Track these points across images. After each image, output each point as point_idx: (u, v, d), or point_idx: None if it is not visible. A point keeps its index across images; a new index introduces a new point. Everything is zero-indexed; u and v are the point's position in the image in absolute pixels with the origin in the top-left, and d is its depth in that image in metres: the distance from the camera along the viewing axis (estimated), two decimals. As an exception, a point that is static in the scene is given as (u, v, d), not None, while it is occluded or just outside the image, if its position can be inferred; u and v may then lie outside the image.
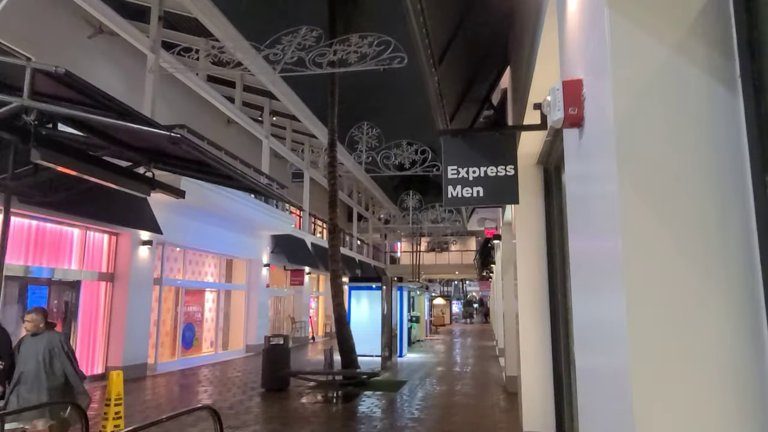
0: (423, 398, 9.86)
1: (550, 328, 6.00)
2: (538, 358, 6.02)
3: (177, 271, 15.60)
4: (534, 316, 6.13)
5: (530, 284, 6.22)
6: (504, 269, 11.06)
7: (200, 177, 5.49)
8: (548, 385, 5.92)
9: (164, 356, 14.79)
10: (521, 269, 6.30)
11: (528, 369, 6.08)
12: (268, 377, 10.62)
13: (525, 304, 6.20)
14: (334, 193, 12.27)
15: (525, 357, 6.11)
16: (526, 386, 6.05)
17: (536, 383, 5.99)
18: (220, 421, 4.29)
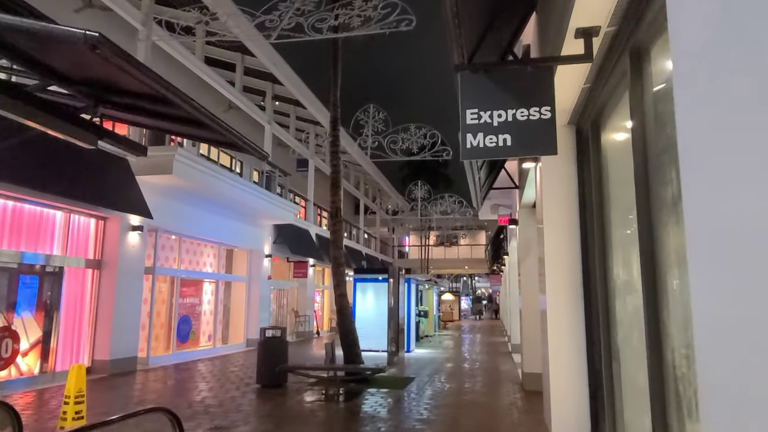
0: (432, 396, 8.97)
1: (584, 320, 5.08)
2: (571, 354, 5.10)
3: (172, 260, 14.79)
4: (566, 306, 5.21)
5: (561, 270, 5.30)
6: (521, 258, 10.14)
7: (164, 127, 4.59)
8: (582, 385, 5.00)
9: (158, 350, 14.01)
10: (550, 253, 5.37)
11: (558, 366, 5.16)
12: (263, 372, 9.77)
13: (554, 293, 5.28)
14: (337, 175, 11.39)
15: (554, 353, 5.20)
16: (556, 386, 5.14)
17: (568, 382, 5.08)
18: (180, 425, 3.42)
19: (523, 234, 10.12)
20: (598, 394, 4.81)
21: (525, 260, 10.05)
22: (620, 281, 4.41)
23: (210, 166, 13.50)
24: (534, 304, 9.66)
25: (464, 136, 3.58)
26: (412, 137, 16.00)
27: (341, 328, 10.67)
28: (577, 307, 5.15)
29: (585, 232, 5.16)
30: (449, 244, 44.86)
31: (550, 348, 5.21)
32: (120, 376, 10.85)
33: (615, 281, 4.49)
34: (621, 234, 4.40)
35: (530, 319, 9.79)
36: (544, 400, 5.87)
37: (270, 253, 19.24)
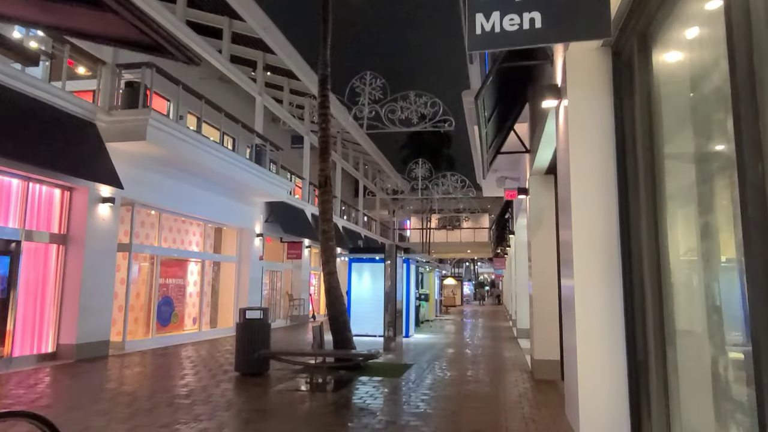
0: (431, 386, 7.92)
1: (623, 299, 3.97)
2: (605, 342, 4.01)
3: (153, 238, 13.72)
4: (599, 283, 4.11)
5: (593, 238, 4.19)
6: (532, 233, 9.03)
7: (54, 22, 3.43)
8: (619, 379, 3.92)
9: (137, 333, 13.01)
10: (579, 218, 4.25)
11: (588, 357, 4.07)
12: (243, 359, 8.74)
13: (584, 266, 4.18)
14: (326, 140, 10.25)
15: (584, 341, 4.10)
16: (586, 380, 4.05)
17: (601, 376, 3.99)
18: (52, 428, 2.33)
19: (534, 205, 9.00)
20: (641, 390, 3.72)
21: (536, 235, 8.94)
22: (681, 250, 3.31)
23: (190, 133, 12.36)
24: (546, 285, 8.58)
25: (472, 17, 2.46)
26: (411, 106, 14.81)
27: (330, 310, 9.61)
28: (614, 283, 4.05)
29: (626, 188, 4.04)
30: (451, 227, 43.69)
31: (578, 335, 4.11)
32: (88, 362, 9.84)
33: (672, 251, 3.39)
34: (682, 190, 3.29)
35: (541, 301, 8.72)
36: (568, 396, 4.78)
37: (261, 233, 18.16)
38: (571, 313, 4.33)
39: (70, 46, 10.42)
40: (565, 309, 4.74)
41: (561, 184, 5.09)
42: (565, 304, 4.69)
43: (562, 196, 4.94)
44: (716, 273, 2.87)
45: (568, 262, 4.55)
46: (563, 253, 4.86)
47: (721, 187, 2.77)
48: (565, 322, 4.74)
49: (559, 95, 4.82)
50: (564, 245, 4.79)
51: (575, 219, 4.26)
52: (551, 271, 8.66)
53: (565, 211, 4.73)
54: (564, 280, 4.84)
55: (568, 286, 4.47)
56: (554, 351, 8.48)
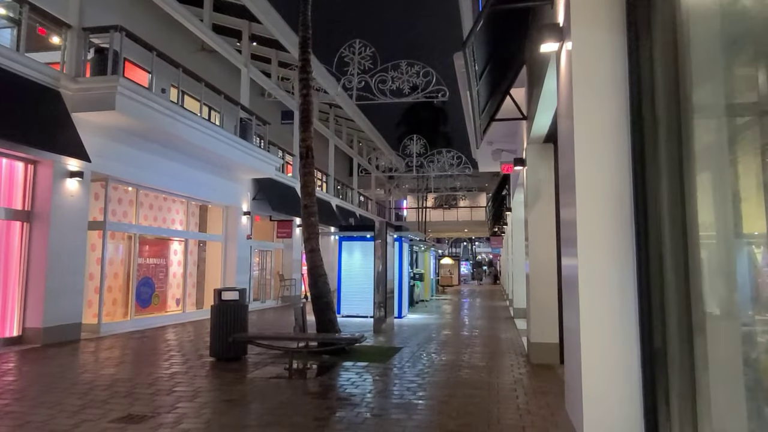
0: (420, 372, 7.32)
1: (636, 277, 3.31)
2: (614, 326, 3.36)
3: (131, 215, 13.03)
4: (608, 259, 3.45)
5: (601, 206, 3.52)
6: (529, 207, 8.36)
7: None
8: (631, 370, 3.28)
9: (115, 315, 12.40)
10: (584, 181, 3.58)
11: (594, 342, 3.43)
12: (218, 343, 8.12)
13: (591, 240, 3.52)
14: (307, 108, 9.51)
15: (589, 324, 3.46)
16: (591, 369, 3.42)
17: (611, 365, 3.36)
18: None
19: (532, 176, 8.31)
20: (657, 386, 3.08)
21: (534, 210, 8.28)
22: (713, 221, 2.65)
23: (165, 103, 11.58)
24: (544, 264, 7.95)
25: None
26: (403, 76, 14.02)
27: (312, 291, 8.98)
28: (626, 261, 3.39)
29: (641, 149, 3.35)
30: (448, 206, 43.08)
31: (582, 321, 3.46)
32: (55, 347, 9.23)
33: (702, 222, 2.72)
34: (713, 149, 2.61)
35: (539, 281, 8.09)
36: (569, 389, 4.16)
37: (249, 211, 17.47)
38: (573, 295, 3.68)
39: (30, 6, 9.61)
40: (566, 291, 4.09)
41: (563, 149, 4.41)
42: (567, 286, 4.04)
43: (564, 163, 4.27)
44: (756, 247, 2.22)
45: (570, 238, 3.89)
46: (565, 229, 4.19)
47: (763, 146, 2.10)
48: (567, 307, 4.10)
49: (561, 36, 4.11)
50: (566, 219, 4.12)
51: (580, 187, 3.58)
52: (550, 249, 8.03)
53: (567, 179, 4.05)
54: (566, 258, 4.18)
55: (571, 265, 3.82)
56: (552, 334, 7.89)
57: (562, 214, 4.26)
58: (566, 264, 4.08)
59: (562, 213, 4.23)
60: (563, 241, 4.24)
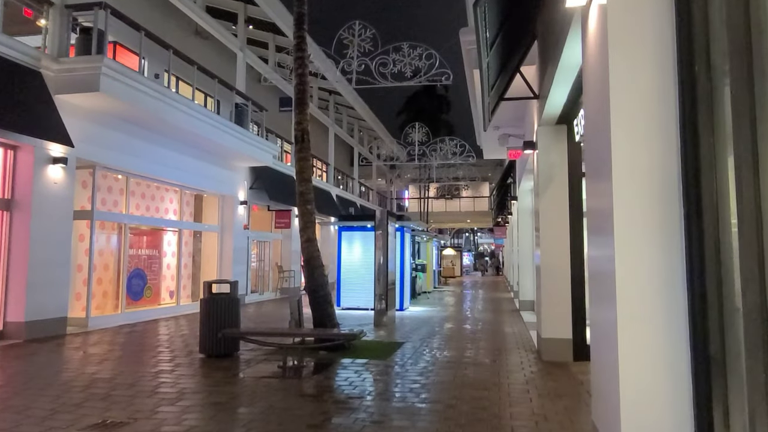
0: (423, 371, 6.80)
1: (688, 269, 2.76)
2: (659, 326, 2.82)
3: (121, 205, 12.49)
4: (650, 244, 2.90)
5: (643, 181, 2.96)
6: (540, 194, 7.80)
7: None
8: (682, 370, 2.74)
9: (106, 308, 11.91)
10: (621, 158, 3.01)
11: (636, 346, 2.88)
12: (207, 339, 7.61)
13: (629, 223, 2.96)
14: (303, 88, 8.94)
15: (629, 324, 2.90)
16: (632, 377, 2.87)
17: (657, 373, 2.82)
18: None
19: (543, 160, 7.75)
20: (714, 399, 2.55)
21: (545, 197, 7.72)
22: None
23: (153, 85, 11.01)
24: (556, 254, 7.41)
25: None
26: (405, 59, 13.40)
27: (309, 283, 8.46)
28: (673, 247, 2.84)
29: (693, 115, 2.79)
30: (450, 196, 42.50)
31: (620, 320, 2.91)
32: (38, 343, 8.73)
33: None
34: None
35: (551, 273, 7.55)
36: (599, 397, 3.60)
37: (246, 200, 16.94)
38: (607, 290, 3.13)
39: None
40: (597, 285, 3.54)
41: (592, 126, 3.84)
42: (598, 279, 3.48)
43: (595, 141, 3.71)
44: None
45: (603, 226, 3.35)
46: (596, 218, 3.62)
47: None
48: (597, 302, 3.55)
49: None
50: (597, 206, 3.55)
51: (618, 168, 3.02)
52: (562, 239, 7.49)
53: (598, 160, 3.50)
54: (596, 249, 3.62)
55: (604, 256, 3.27)
56: (565, 329, 7.37)
57: (590, 202, 3.71)
58: (597, 255, 3.53)
59: (592, 200, 3.68)
60: (592, 230, 3.68)
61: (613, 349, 2.99)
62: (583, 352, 7.32)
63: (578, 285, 7.44)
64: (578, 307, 7.38)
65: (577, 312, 7.37)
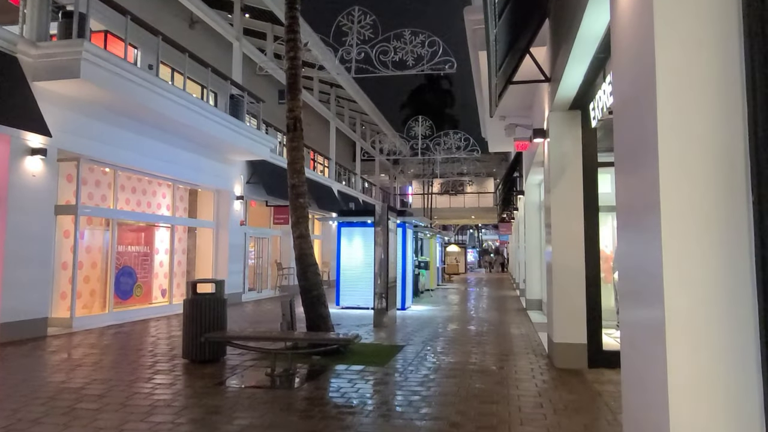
0: (424, 380, 6.20)
1: (758, 257, 2.14)
2: (722, 332, 2.20)
3: (109, 199, 11.93)
4: (708, 241, 2.28)
5: (700, 166, 2.32)
6: (552, 185, 7.17)
7: None
8: (751, 390, 2.12)
9: (93, 308, 11.37)
10: (670, 138, 2.38)
11: (691, 362, 2.26)
12: (191, 343, 7.04)
13: (682, 214, 2.33)
14: (295, 73, 8.33)
15: (681, 328, 2.28)
16: (685, 403, 2.25)
17: (719, 397, 2.19)
18: None
19: (555, 149, 7.12)
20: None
21: (557, 189, 7.09)
22: None
23: (139, 72, 10.42)
24: (569, 252, 6.80)
25: None
26: (406, 46, 12.77)
27: (301, 282, 7.87)
28: (738, 242, 2.22)
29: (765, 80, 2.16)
30: (454, 192, 41.84)
31: (670, 329, 2.29)
32: (13, 345, 8.18)
33: None
34: None
35: (564, 272, 6.94)
36: (635, 414, 2.97)
37: (242, 195, 16.36)
38: (650, 293, 2.51)
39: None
40: (635, 286, 2.91)
41: (626, 103, 3.22)
42: (637, 280, 2.85)
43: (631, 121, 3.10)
44: None
45: (639, 218, 2.74)
46: (632, 212, 2.98)
47: None
48: (635, 306, 2.92)
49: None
50: (634, 198, 2.92)
51: (665, 150, 2.39)
52: (576, 235, 6.87)
53: (636, 144, 2.88)
54: (628, 245, 3.00)
55: (644, 253, 2.65)
56: (579, 333, 6.76)
57: (623, 192, 3.08)
58: (632, 252, 2.90)
59: (625, 189, 3.05)
60: (626, 223, 3.05)
61: (658, 364, 2.37)
62: (599, 358, 6.72)
63: (593, 285, 6.83)
64: (594, 310, 6.77)
65: (592, 315, 6.75)
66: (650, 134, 2.46)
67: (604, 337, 6.93)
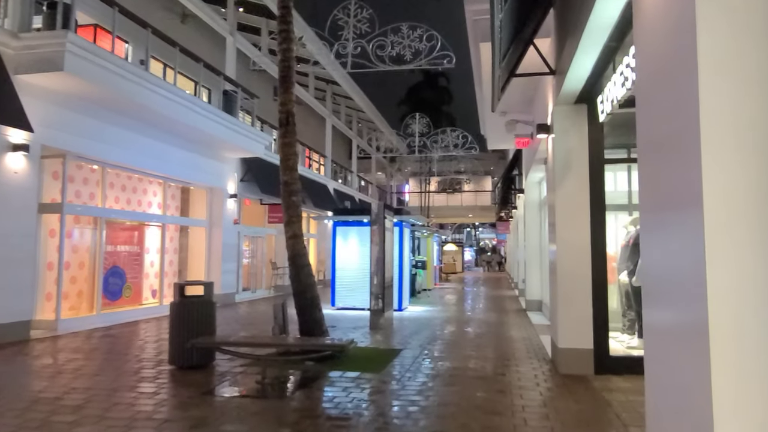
0: (422, 389, 5.88)
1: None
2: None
3: (97, 198, 11.56)
4: (759, 237, 1.94)
5: (750, 150, 1.99)
6: (557, 182, 6.85)
7: None
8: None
9: (80, 310, 11.01)
10: (714, 120, 2.05)
11: (741, 376, 1.93)
12: (177, 349, 6.70)
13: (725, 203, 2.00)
14: (288, 65, 7.99)
15: (730, 344, 1.96)
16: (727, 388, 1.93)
17: None
18: None
19: (560, 145, 6.80)
20: None
21: (562, 185, 6.78)
22: None
23: (128, 66, 10.06)
24: (575, 252, 6.50)
25: None
26: (404, 40, 12.43)
27: (294, 284, 7.54)
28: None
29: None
30: (452, 190, 41.53)
31: (713, 331, 1.97)
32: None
33: None
34: None
35: (569, 274, 6.62)
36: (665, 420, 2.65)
37: (236, 193, 16.00)
38: (687, 298, 2.19)
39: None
40: (662, 291, 2.59)
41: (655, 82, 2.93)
42: (665, 282, 2.53)
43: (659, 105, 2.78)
44: None
45: (672, 214, 2.42)
46: (655, 203, 2.68)
47: None
48: (664, 313, 2.60)
49: None
50: (663, 188, 2.61)
51: (709, 134, 2.07)
52: (582, 235, 6.56)
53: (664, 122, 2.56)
54: (657, 244, 2.68)
55: (679, 252, 2.33)
56: (585, 338, 6.46)
57: (650, 189, 2.77)
58: (665, 252, 2.57)
59: (653, 186, 2.73)
60: (654, 224, 2.73)
61: (701, 378, 2.05)
62: (606, 364, 6.42)
63: (600, 288, 6.53)
64: (600, 314, 6.47)
65: (599, 319, 6.45)
66: (689, 120, 2.13)
67: (611, 342, 6.62)
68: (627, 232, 7.95)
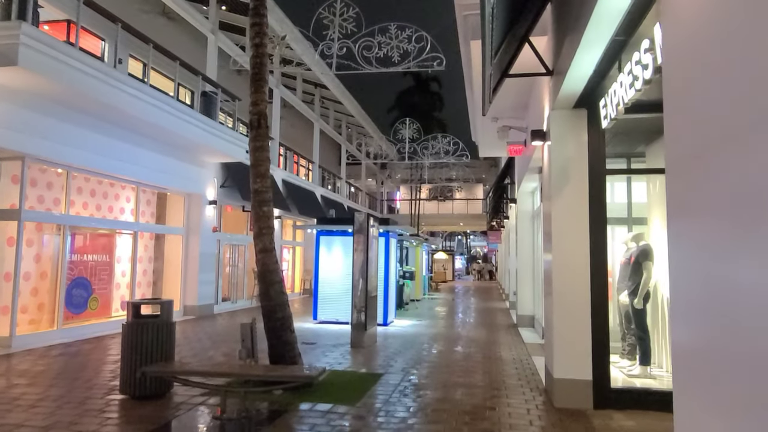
0: (399, 426, 5.19)
1: None
2: None
3: (62, 203, 10.81)
4: None
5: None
6: (554, 192, 6.21)
7: None
8: None
9: (40, 324, 10.23)
10: None
11: None
12: (129, 376, 5.97)
13: None
14: (261, 62, 7.32)
15: None
16: None
17: None
18: None
19: (557, 153, 6.16)
20: None
21: (560, 195, 6.14)
22: None
23: (92, 62, 9.34)
24: (573, 271, 5.85)
25: None
26: (392, 41, 11.81)
27: (264, 302, 6.81)
28: None
29: None
30: (443, 198, 40.94)
31: None
32: (-71, 372, 7.05)
33: None
34: None
35: (567, 295, 5.96)
36: None
37: (215, 199, 15.28)
38: (747, 318, 1.53)
39: None
40: (706, 307, 1.92)
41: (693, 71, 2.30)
42: (714, 299, 1.87)
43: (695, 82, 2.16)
44: None
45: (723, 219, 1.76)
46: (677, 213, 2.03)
47: None
48: (705, 341, 1.94)
49: None
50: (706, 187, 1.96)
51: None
52: (581, 251, 5.93)
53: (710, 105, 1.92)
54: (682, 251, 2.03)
55: (740, 261, 1.67)
56: (583, 368, 5.81)
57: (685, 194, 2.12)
58: (714, 266, 1.92)
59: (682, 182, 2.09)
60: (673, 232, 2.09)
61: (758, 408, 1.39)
62: (606, 397, 5.77)
63: (600, 312, 5.89)
64: (600, 341, 5.83)
65: (599, 347, 5.80)
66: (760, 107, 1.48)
67: (613, 371, 5.98)
68: (627, 248, 7.34)
